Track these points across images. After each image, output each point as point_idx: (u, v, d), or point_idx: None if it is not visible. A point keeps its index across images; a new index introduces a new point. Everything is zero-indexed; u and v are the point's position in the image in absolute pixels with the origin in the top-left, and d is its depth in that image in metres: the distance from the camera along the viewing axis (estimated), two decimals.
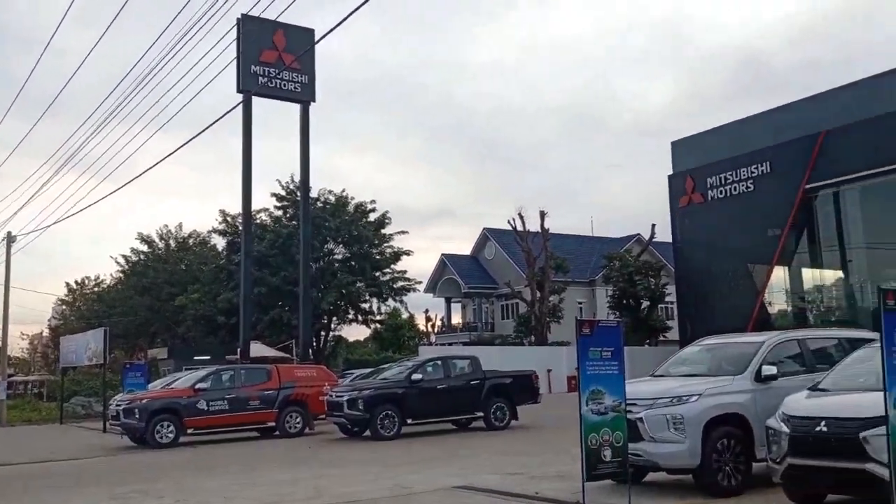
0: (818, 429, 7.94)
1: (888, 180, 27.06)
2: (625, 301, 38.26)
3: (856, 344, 10.10)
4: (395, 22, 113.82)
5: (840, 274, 30.36)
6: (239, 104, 29.95)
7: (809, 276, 31.76)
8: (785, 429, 8.29)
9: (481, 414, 19.52)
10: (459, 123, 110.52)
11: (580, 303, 52.40)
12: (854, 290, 29.63)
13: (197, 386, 20.09)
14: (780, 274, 31.19)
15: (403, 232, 48.05)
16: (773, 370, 9.85)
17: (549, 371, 29.42)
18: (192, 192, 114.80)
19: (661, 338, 38.08)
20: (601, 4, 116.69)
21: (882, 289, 6.61)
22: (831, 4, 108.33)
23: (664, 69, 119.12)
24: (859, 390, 8.08)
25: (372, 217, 46.83)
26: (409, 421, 18.77)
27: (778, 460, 8.34)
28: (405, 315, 54.11)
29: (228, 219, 47.70)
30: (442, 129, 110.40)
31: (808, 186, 29.09)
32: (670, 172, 35.34)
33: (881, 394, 6.91)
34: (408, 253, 47.31)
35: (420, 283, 51.15)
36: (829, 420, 7.91)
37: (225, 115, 24.26)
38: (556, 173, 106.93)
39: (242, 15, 30.75)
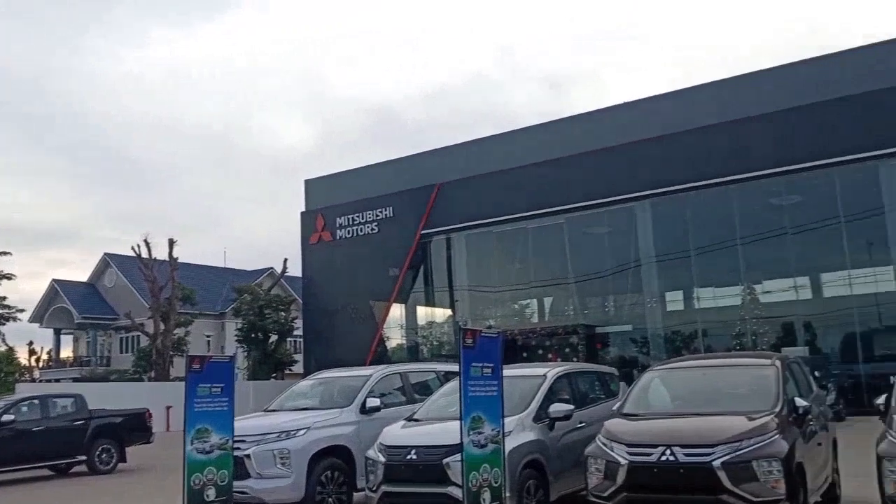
0: (409, 456, 8.61)
1: (487, 231, 30.85)
2: (254, 334, 38.00)
3: (451, 376, 11.10)
4: (28, 25, 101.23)
5: (449, 312, 33.57)
6: None
7: (423, 313, 34.67)
8: (381, 458, 8.85)
9: (83, 457, 17.82)
10: (90, 139, 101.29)
11: (208, 336, 50.89)
12: (459, 327, 33.05)
13: None
14: (397, 311, 33.60)
15: (5, 253, 42.38)
16: (376, 402, 10.47)
17: (168, 408, 27.96)
18: None
19: (288, 371, 38.46)
20: (244, 38, 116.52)
21: (462, 328, 7.43)
22: (465, 71, 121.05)
23: (305, 111, 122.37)
24: (446, 419, 8.85)
25: None
26: None
27: (374, 488, 8.85)
28: (2, 348, 47.49)
29: None
30: (70, 144, 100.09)
31: (424, 232, 31.92)
32: (303, 210, 36.32)
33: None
34: (8, 277, 41.85)
35: (23, 310, 45.43)
36: (419, 448, 8.63)
37: None
38: (190, 201, 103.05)
39: None
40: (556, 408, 9.23)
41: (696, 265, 27.27)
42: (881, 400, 7.85)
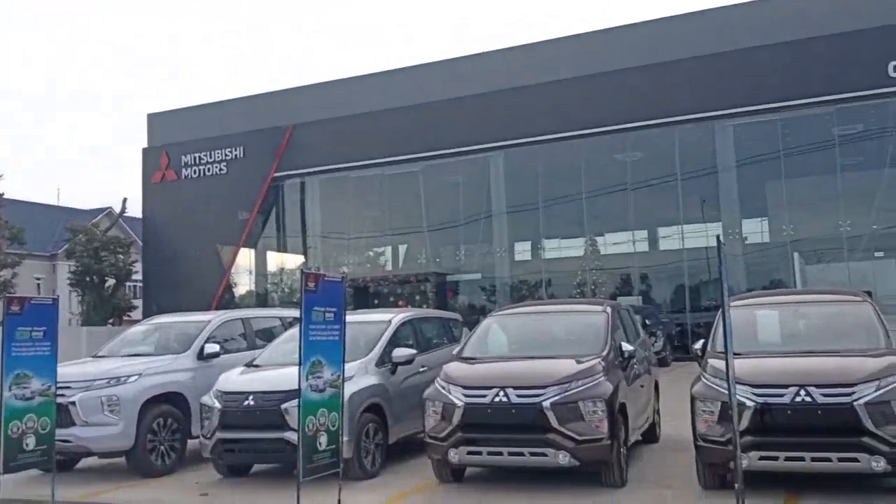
0: (246, 402, 8.44)
1: (342, 176, 30.42)
2: (88, 278, 35.79)
3: (296, 323, 10.88)
4: None
5: (302, 258, 33.02)
6: None
7: (274, 259, 33.91)
8: (217, 404, 8.61)
9: None
10: None
11: (38, 278, 47.53)
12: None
13: None
14: (246, 256, 32.67)
15: None
16: (215, 348, 10.15)
17: None
18: None
19: (126, 317, 36.63)
20: None
21: (304, 272, 7.26)
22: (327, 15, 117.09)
23: (152, 42, 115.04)
24: (287, 365, 8.68)
25: None
26: None
27: (209, 435, 8.62)
28: None
29: None
30: None
31: (276, 174, 31.00)
32: (146, 146, 34.36)
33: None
34: None
35: None
36: (257, 394, 8.46)
37: None
38: (19, 134, 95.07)
39: None
40: (399, 353, 9.31)
41: (544, 217, 28.15)
42: (698, 346, 8.42)
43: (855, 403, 6.55)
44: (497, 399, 7.49)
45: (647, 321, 19.92)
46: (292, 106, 30.95)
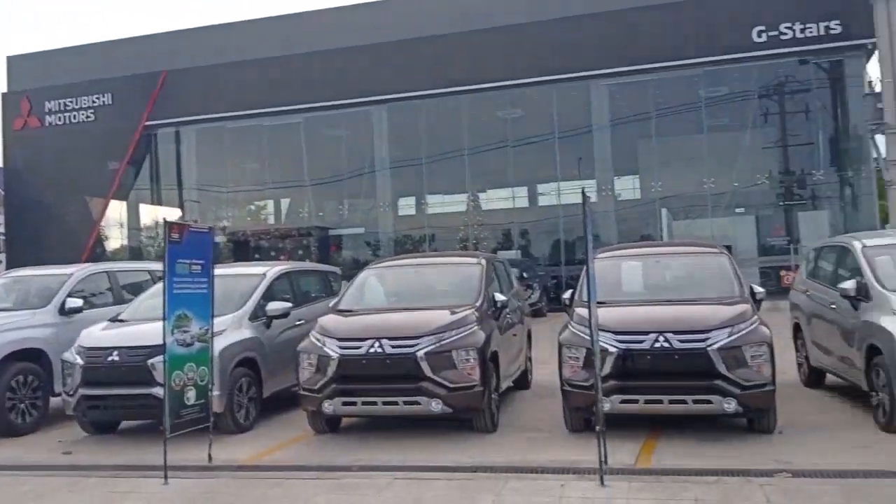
0: (111, 358, 8.13)
1: (220, 126, 29.36)
2: None
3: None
4: None
5: (179, 211, 31.79)
6: None
7: (149, 212, 32.51)
8: (79, 360, 8.27)
9: None
10: None
11: None
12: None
13: None
14: (117, 208, 31.19)
15: None
16: (77, 303, 9.71)
17: None
18: None
19: None
20: None
21: (167, 222, 7.00)
22: None
23: None
24: (154, 320, 8.40)
25: None
26: None
27: (72, 392, 8.28)
28: None
29: None
30: None
31: (148, 123, 29.57)
32: (5, 91, 32.00)
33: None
34: None
35: None
36: (122, 349, 8.17)
37: None
38: None
39: None
40: (273, 306, 9.18)
41: (427, 172, 28.22)
42: (567, 295, 8.73)
43: (709, 349, 6.97)
44: (372, 350, 7.54)
45: (525, 274, 20.46)
46: (166, 51, 29.41)
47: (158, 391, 7.53)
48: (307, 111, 28.15)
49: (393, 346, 7.51)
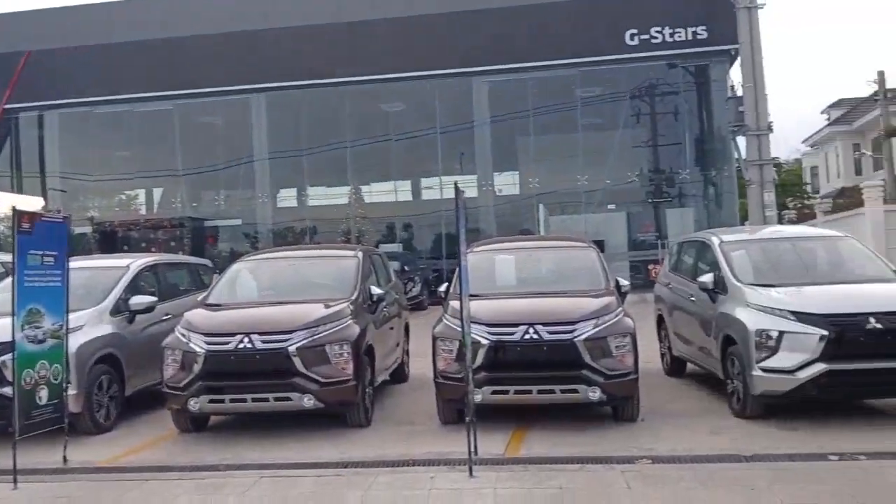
0: None
1: (87, 111, 27.84)
2: None
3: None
4: None
5: (42, 200, 29.89)
6: None
7: (8, 200, 30.38)
8: None
9: None
10: None
11: None
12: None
13: None
14: None
15: None
16: None
17: None
18: None
19: None
20: None
21: (17, 210, 6.52)
22: None
23: None
24: (1, 315, 7.88)
25: None
26: None
27: None
28: None
29: None
30: None
31: (8, 105, 27.66)
32: None
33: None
34: None
35: None
36: None
37: None
38: None
39: None
40: (137, 300, 8.76)
41: (309, 164, 27.78)
42: (443, 288, 8.79)
43: (575, 340, 7.16)
44: (241, 346, 7.31)
45: (406, 267, 20.52)
46: (29, 30, 27.59)
47: (7, 390, 7.02)
48: (181, 97, 27.09)
49: (263, 341, 7.31)
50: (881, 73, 27.08)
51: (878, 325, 6.84)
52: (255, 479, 5.99)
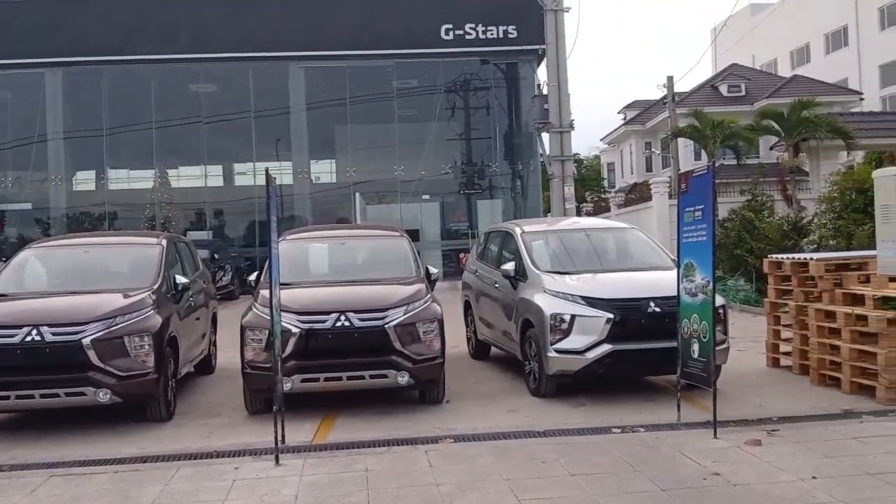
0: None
1: None
2: None
3: None
4: None
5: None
6: None
7: None
8: None
9: None
10: None
11: None
12: None
13: None
14: None
15: None
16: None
17: None
18: None
19: None
20: None
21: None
22: None
23: None
24: None
25: None
26: None
27: None
28: None
29: None
30: None
31: None
32: None
33: None
34: None
35: None
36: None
37: None
38: None
39: None
40: None
41: (109, 145, 26.11)
42: (253, 277, 8.65)
43: (386, 326, 7.31)
44: (28, 339, 6.80)
45: (216, 255, 19.86)
46: None
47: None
48: None
49: (54, 334, 6.85)
50: (670, 79, 29.45)
51: (657, 309, 7.53)
52: (45, 479, 5.63)
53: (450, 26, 25.36)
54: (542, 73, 26.39)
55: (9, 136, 25.93)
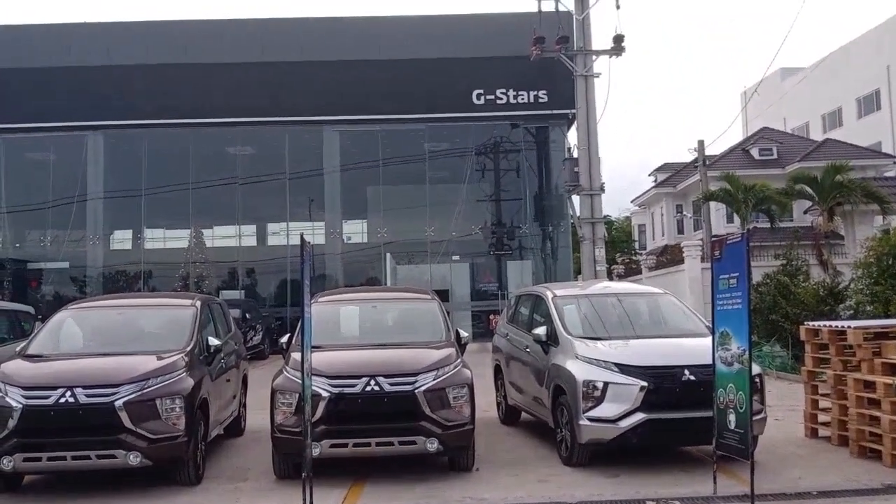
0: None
1: None
2: None
3: None
4: None
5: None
6: None
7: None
8: None
9: None
10: None
11: None
12: None
13: None
14: None
15: None
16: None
17: None
18: None
19: None
20: None
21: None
22: None
23: None
24: None
25: None
26: None
27: None
28: None
29: None
30: None
31: None
32: None
33: None
34: None
35: None
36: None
37: None
38: None
39: None
40: None
41: (147, 205, 26.68)
42: (284, 339, 8.68)
43: (416, 391, 7.26)
44: (63, 400, 6.86)
45: (248, 315, 19.99)
46: None
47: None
48: (6, 131, 25.38)
49: (88, 396, 6.90)
50: (701, 143, 29.51)
51: (692, 377, 7.40)
52: None
53: (481, 91, 25.82)
54: (572, 135, 26.63)
55: (49, 196, 26.61)
